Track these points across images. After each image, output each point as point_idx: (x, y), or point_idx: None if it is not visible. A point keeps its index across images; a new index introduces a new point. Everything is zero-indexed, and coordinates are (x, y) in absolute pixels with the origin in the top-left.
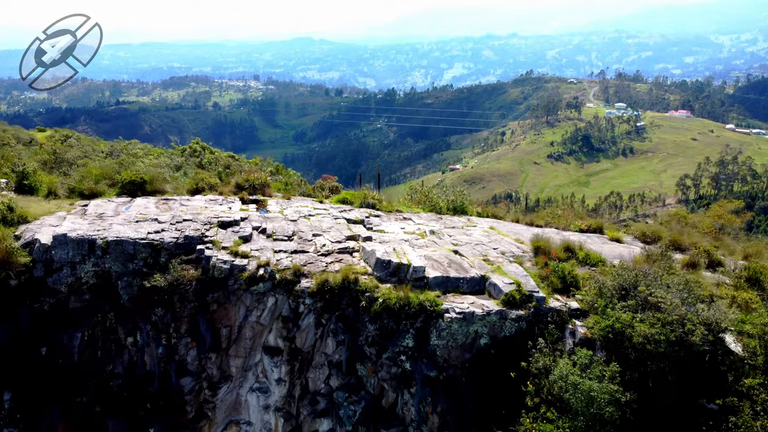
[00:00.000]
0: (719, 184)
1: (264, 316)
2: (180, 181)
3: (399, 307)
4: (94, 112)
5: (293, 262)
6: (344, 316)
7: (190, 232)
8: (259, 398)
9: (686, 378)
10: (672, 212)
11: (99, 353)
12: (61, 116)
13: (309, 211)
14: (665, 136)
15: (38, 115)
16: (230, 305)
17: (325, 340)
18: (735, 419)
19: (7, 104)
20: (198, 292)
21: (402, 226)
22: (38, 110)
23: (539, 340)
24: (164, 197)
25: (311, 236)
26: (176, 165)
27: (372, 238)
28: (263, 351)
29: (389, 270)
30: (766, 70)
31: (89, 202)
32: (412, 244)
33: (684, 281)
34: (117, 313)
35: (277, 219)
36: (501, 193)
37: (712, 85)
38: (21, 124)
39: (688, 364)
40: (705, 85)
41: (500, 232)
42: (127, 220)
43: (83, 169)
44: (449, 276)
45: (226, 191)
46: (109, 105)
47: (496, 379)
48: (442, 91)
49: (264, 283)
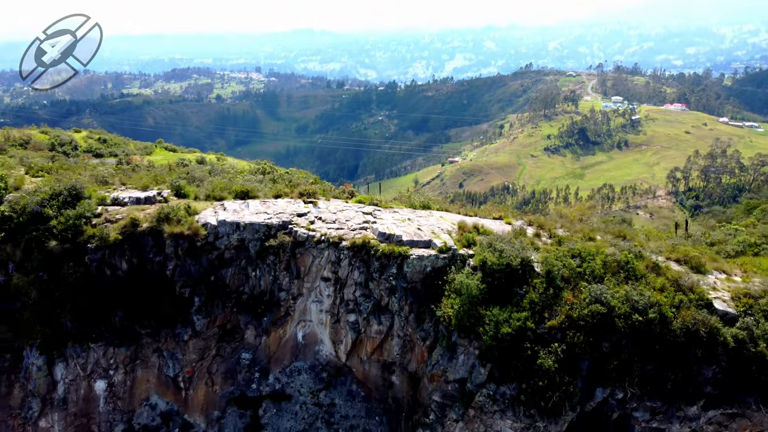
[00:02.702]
0: (708, 176)
1: (322, 260)
2: (265, 190)
3: (389, 253)
4: (98, 105)
5: (337, 233)
6: (363, 259)
7: (284, 218)
8: (317, 306)
9: (511, 279)
10: (558, 208)
11: (237, 280)
12: (66, 109)
13: (340, 207)
14: (659, 130)
15: (43, 107)
16: (306, 255)
17: (353, 271)
18: (530, 292)
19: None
20: (290, 248)
21: (392, 215)
22: (42, 102)
23: (452, 267)
24: (262, 200)
25: (344, 220)
26: (259, 180)
27: (376, 222)
28: (321, 279)
29: (385, 237)
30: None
31: (223, 203)
32: (397, 224)
33: (520, 240)
34: (247, 260)
35: (325, 212)
36: (498, 185)
37: (711, 77)
38: (25, 117)
39: (512, 274)
40: (703, 77)
41: (445, 219)
42: (251, 213)
43: (210, 183)
44: (413, 239)
45: (293, 196)
46: (114, 98)
47: (433, 285)
48: (443, 84)
49: (323, 244)
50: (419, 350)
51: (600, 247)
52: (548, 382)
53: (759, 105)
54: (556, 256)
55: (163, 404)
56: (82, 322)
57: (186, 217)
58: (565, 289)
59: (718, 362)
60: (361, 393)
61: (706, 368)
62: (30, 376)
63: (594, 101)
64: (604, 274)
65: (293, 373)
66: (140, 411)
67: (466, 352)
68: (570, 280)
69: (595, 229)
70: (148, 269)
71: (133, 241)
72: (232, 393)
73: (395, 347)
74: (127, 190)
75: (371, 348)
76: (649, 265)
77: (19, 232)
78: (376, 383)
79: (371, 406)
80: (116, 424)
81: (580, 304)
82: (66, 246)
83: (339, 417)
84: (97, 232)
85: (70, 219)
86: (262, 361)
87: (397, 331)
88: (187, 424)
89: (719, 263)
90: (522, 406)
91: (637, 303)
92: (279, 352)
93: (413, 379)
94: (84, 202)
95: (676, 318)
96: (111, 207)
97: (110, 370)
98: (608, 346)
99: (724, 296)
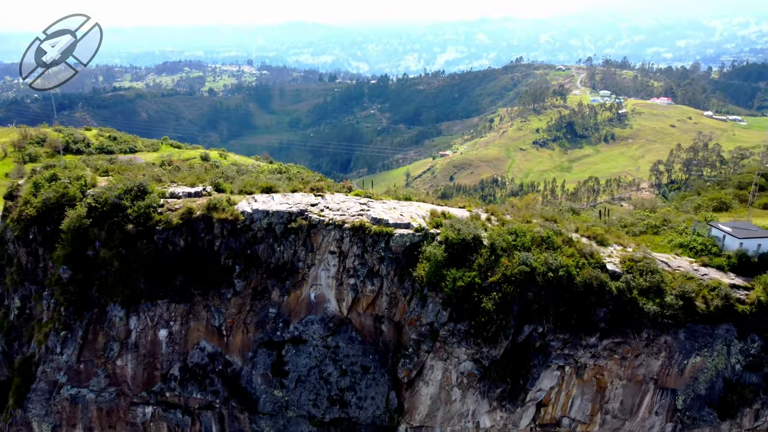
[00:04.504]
0: (690, 169)
1: (330, 238)
2: (284, 186)
3: (379, 233)
4: (90, 99)
5: (340, 218)
6: (360, 237)
7: (301, 207)
8: (325, 273)
9: (466, 249)
10: (510, 200)
11: (266, 253)
12: (58, 102)
13: (342, 199)
14: (645, 123)
15: (35, 101)
16: (317, 234)
17: (353, 246)
18: (479, 258)
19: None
20: (306, 230)
21: (382, 205)
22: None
23: (425, 242)
24: (283, 194)
25: (346, 209)
26: (278, 178)
27: (369, 210)
28: (329, 252)
29: (376, 220)
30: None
31: (253, 196)
32: (385, 212)
33: (474, 223)
34: (274, 238)
35: (330, 202)
36: (488, 178)
37: (699, 70)
38: (17, 110)
39: (466, 246)
40: (691, 71)
41: (422, 208)
42: (276, 203)
43: (241, 180)
44: (397, 222)
45: (306, 190)
46: (106, 92)
47: (411, 255)
48: (435, 78)
49: (330, 226)
50: (402, 304)
51: (531, 227)
52: (489, 320)
53: (744, 99)
54: (498, 233)
55: (210, 347)
56: (152, 284)
57: (228, 207)
58: (503, 256)
59: (606, 305)
60: (359, 338)
61: (599, 310)
62: (113, 325)
63: (582, 95)
64: (531, 245)
65: (308, 324)
66: (192, 352)
67: (433, 301)
68: (507, 250)
69: (534, 215)
70: (199, 246)
71: (189, 224)
72: (262, 338)
73: (384, 303)
74: (179, 186)
75: (366, 304)
76: (565, 240)
77: (103, 218)
78: (370, 331)
79: (366, 348)
80: (174, 363)
81: (513, 266)
82: (139, 228)
83: (342, 355)
84: (163, 218)
85: (142, 208)
86: (284, 314)
87: (385, 291)
88: (228, 362)
89: (621, 239)
90: (471, 337)
91: (551, 265)
92: (297, 307)
93: (397, 327)
94: (150, 195)
95: (579, 275)
96: (170, 199)
97: (170, 321)
98: (531, 295)
99: (615, 261)
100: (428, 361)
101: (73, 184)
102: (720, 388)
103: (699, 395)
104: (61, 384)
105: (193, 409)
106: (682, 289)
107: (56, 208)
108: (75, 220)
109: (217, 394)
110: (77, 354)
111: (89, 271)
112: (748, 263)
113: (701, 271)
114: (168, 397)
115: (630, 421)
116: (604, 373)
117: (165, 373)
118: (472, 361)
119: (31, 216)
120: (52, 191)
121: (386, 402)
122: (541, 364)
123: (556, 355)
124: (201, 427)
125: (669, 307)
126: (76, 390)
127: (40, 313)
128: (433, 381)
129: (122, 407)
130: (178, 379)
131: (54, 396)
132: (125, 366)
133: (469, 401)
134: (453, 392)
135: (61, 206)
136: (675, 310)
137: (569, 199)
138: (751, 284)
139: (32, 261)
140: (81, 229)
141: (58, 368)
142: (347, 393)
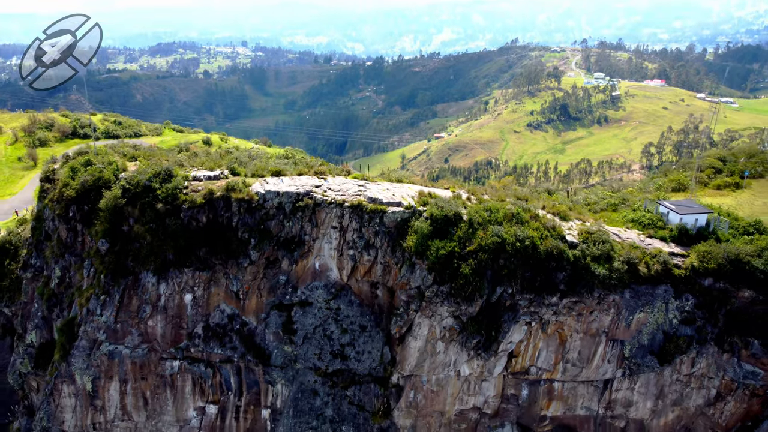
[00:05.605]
0: (681, 151)
1: (332, 215)
2: (291, 170)
3: (374, 210)
4: (85, 81)
5: (341, 198)
6: (358, 214)
7: (307, 188)
8: (328, 245)
9: (448, 224)
10: (490, 181)
11: (277, 228)
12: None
13: (342, 181)
14: (638, 105)
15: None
16: (321, 212)
17: (352, 222)
18: (458, 231)
19: None
20: (311, 208)
21: (377, 186)
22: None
23: (413, 217)
24: (291, 177)
25: (345, 189)
26: (285, 163)
27: (366, 190)
28: (331, 227)
29: (372, 200)
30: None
31: (265, 179)
32: (380, 192)
33: (455, 202)
34: (284, 215)
35: (332, 184)
36: (482, 160)
37: (694, 52)
38: (12, 91)
39: (448, 221)
40: (686, 53)
41: (412, 189)
42: (285, 185)
43: (254, 165)
44: (390, 201)
45: (311, 174)
46: (100, 74)
47: (402, 229)
48: (430, 59)
49: (332, 204)
50: (394, 271)
51: (504, 205)
52: (466, 282)
53: (738, 80)
54: (476, 210)
55: (229, 310)
56: (179, 255)
57: (244, 188)
58: (479, 229)
59: (565, 270)
60: (357, 301)
61: (559, 274)
62: (145, 291)
63: (577, 77)
64: (503, 220)
65: (313, 289)
66: (213, 314)
67: (420, 267)
68: (483, 224)
69: (508, 194)
70: (220, 222)
71: (211, 203)
72: (274, 302)
73: (379, 270)
74: (199, 170)
75: (363, 272)
76: (532, 215)
77: (136, 198)
78: (366, 295)
79: (363, 309)
80: (198, 323)
81: (487, 237)
82: (168, 207)
83: (343, 316)
84: (188, 198)
85: (170, 189)
86: (293, 281)
87: (380, 260)
88: (244, 322)
89: (582, 215)
90: (452, 297)
91: (519, 236)
92: (304, 275)
93: (390, 291)
94: (175, 178)
95: (542, 245)
96: (193, 182)
97: (195, 287)
98: (502, 261)
99: (574, 233)
100: (416, 319)
101: (107, 169)
102: (660, 339)
103: (642, 345)
104: (100, 341)
105: (214, 363)
106: (627, 256)
107: (93, 189)
108: (111, 200)
109: (235, 349)
110: (114, 315)
111: (124, 243)
112: (686, 235)
113: (647, 241)
114: (192, 352)
115: (587, 369)
116: (564, 328)
117: (190, 331)
118: (453, 318)
119: (71, 197)
120: (89, 175)
121: (381, 355)
122: (510, 320)
123: (523, 312)
124: (221, 378)
125: (616, 271)
126: (114, 346)
127: (80, 281)
128: (420, 336)
129: (153, 361)
130: (201, 337)
131: (94, 352)
132: (156, 326)
133: (451, 352)
134: (437, 345)
135: (97, 188)
136: (621, 274)
137: (562, 181)
138: (687, 252)
139: (71, 236)
140: (117, 208)
141: (98, 328)
142: (347, 348)
